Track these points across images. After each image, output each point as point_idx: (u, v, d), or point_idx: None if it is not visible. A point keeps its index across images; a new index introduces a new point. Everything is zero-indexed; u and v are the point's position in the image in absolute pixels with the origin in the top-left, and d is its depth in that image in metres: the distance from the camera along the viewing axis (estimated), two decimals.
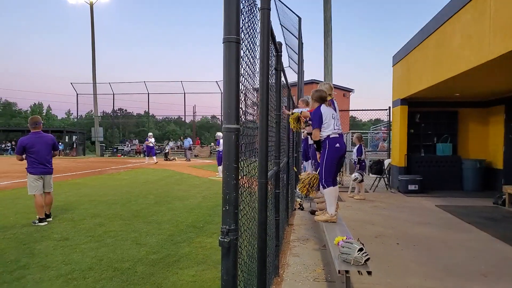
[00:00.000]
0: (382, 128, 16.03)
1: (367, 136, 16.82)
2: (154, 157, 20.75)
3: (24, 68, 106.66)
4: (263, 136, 2.46)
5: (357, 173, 8.64)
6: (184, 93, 32.30)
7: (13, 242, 4.93)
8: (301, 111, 5.09)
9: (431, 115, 10.44)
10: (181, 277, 3.77)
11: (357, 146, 8.89)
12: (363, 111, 12.23)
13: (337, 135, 4.38)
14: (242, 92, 1.91)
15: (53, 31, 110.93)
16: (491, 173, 9.76)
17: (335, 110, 4.55)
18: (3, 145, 33.97)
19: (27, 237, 5.19)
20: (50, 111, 61.84)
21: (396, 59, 10.32)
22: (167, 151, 25.03)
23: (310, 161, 6.31)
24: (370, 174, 10.47)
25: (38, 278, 3.70)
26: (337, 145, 4.35)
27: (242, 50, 1.84)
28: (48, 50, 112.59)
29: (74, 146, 31.11)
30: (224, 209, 1.54)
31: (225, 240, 1.52)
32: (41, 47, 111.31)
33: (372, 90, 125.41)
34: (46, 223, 5.96)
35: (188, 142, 25.87)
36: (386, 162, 10.60)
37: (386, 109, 11.21)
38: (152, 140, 20.91)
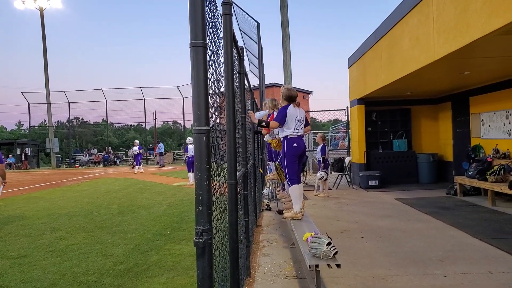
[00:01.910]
0: (341, 128, 16.59)
1: (327, 135, 17.35)
2: (138, 166, 19.55)
3: None
4: (231, 138, 2.51)
5: (322, 172, 8.88)
6: (144, 99, 31.54)
7: None
8: (264, 115, 5.22)
9: (387, 113, 10.97)
10: (151, 286, 3.71)
11: (321, 145, 9.14)
12: (323, 112, 12.56)
13: (296, 136, 4.51)
14: (209, 95, 1.94)
15: None
16: (443, 165, 10.42)
17: (302, 113, 4.64)
18: None
19: None
20: None
21: (352, 61, 10.75)
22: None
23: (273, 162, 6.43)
24: (332, 172, 10.80)
25: None
26: (294, 144, 4.49)
27: (208, 55, 1.88)
28: None
29: (24, 158, 29.31)
30: (197, 210, 1.56)
31: (200, 240, 1.55)
32: None
33: (331, 91, 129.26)
34: None
35: (161, 147, 25.20)
36: (347, 159, 10.99)
37: (344, 109, 11.63)
38: (136, 148, 19.70)
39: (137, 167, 19.59)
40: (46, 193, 11.79)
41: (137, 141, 20.62)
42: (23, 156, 29.32)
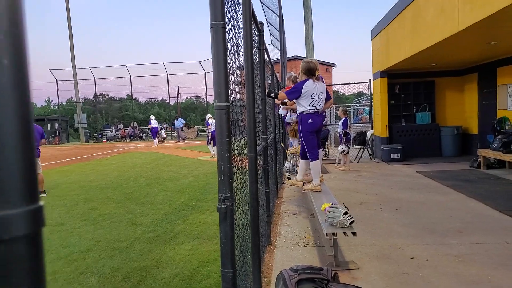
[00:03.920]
0: (364, 101, 16.34)
1: (350, 109, 17.14)
2: (155, 141, 20.84)
3: None
4: (251, 112, 2.63)
5: (343, 145, 8.93)
6: (167, 74, 31.85)
7: None
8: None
9: (410, 85, 10.73)
10: (178, 252, 3.98)
11: (342, 119, 9.15)
12: (346, 85, 12.42)
13: (312, 113, 4.50)
14: (229, 72, 2.05)
15: (30, 14, 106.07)
16: (467, 138, 10.21)
17: (322, 88, 4.58)
18: None
19: None
20: None
21: (375, 32, 10.48)
22: (165, 136, 25.33)
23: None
24: (354, 146, 10.80)
25: None
26: (310, 121, 4.50)
27: (227, 33, 1.98)
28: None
29: (57, 134, 30.60)
30: (219, 179, 1.72)
31: (222, 206, 1.71)
32: None
33: (354, 63, 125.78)
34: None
35: (180, 122, 25.69)
36: (369, 133, 10.93)
37: (367, 82, 11.44)
38: (153, 122, 21.03)
39: (154, 141, 20.79)
40: (77, 166, 12.41)
41: (152, 116, 21.83)
42: (57, 132, 30.60)
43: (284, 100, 4.97)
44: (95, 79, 32.30)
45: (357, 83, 11.68)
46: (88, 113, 34.76)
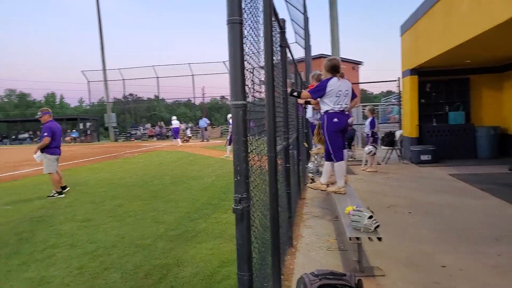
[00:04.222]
0: (393, 100, 15.86)
1: (378, 108, 16.70)
2: (178, 140, 21.74)
3: (35, 59, 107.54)
4: (270, 111, 2.55)
5: (371, 146, 8.68)
6: (193, 75, 32.27)
7: (41, 224, 5.21)
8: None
9: (442, 83, 10.29)
10: (199, 251, 3.97)
11: (370, 118, 8.89)
12: (374, 84, 12.12)
13: (337, 112, 4.39)
14: (248, 70, 1.99)
15: (60, 21, 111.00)
16: (506, 139, 9.65)
17: (347, 86, 4.46)
18: (21, 135, 34.73)
19: (52, 219, 5.47)
20: (63, 99, 62.63)
21: (404, 29, 10.12)
22: (190, 135, 26.11)
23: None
24: (382, 146, 10.49)
25: (67, 255, 3.95)
26: (335, 119, 4.38)
27: (246, 30, 1.91)
28: (56, 39, 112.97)
29: (88, 133, 31.69)
30: (236, 179, 1.66)
31: (238, 207, 1.66)
32: (49, 37, 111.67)
33: (383, 61, 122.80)
34: (63, 195, 7.13)
35: (204, 122, 26.03)
36: (398, 133, 10.58)
37: (396, 80, 11.08)
38: (174, 123, 22.23)
39: (175, 140, 21.71)
40: (105, 164, 12.76)
41: (174, 117, 23.01)
42: (88, 131, 31.75)
43: (308, 99, 4.85)
44: (124, 79, 33.19)
45: (385, 81, 11.48)
46: (118, 113, 35.77)
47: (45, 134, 7.05)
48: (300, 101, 5.55)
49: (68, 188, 7.51)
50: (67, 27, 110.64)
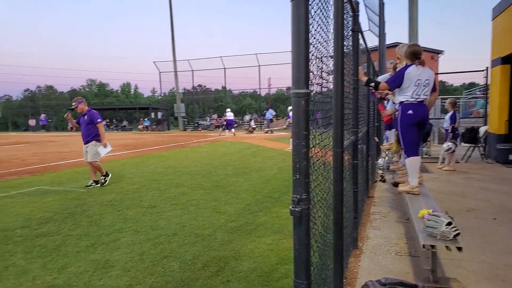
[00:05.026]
0: (478, 92, 14.29)
1: (459, 102, 15.23)
2: (230, 131, 22.61)
3: (113, 51, 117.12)
4: (338, 102, 2.31)
5: (450, 143, 7.91)
6: (259, 65, 32.37)
7: (109, 208, 5.52)
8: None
9: None
10: (258, 245, 3.87)
11: (450, 113, 8.12)
12: (454, 75, 10.99)
13: (415, 102, 4.00)
14: (313, 55, 1.78)
15: (136, 12, 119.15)
16: None
17: (428, 74, 4.04)
18: None
19: (121, 204, 5.77)
20: (137, 89, 67.26)
21: (497, 11, 8.94)
22: (254, 126, 26.54)
23: (393, 130, 5.91)
24: (462, 143, 9.50)
25: (130, 241, 4.10)
26: (410, 111, 4.00)
27: (313, 9, 1.71)
28: (133, 31, 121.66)
29: (161, 122, 33.61)
30: (294, 178, 1.48)
31: (296, 209, 1.48)
32: (126, 29, 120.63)
33: (466, 50, 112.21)
34: (99, 184, 7.12)
35: (270, 114, 26.10)
36: (482, 129, 9.48)
37: (483, 70, 9.91)
38: (228, 115, 23.11)
39: (227, 131, 22.68)
40: (173, 152, 13.32)
41: (228, 109, 23.98)
42: (160, 120, 33.71)
43: (386, 90, 4.44)
44: (192, 70, 34.43)
45: (470, 71, 10.22)
46: (187, 103, 37.33)
47: (99, 120, 7.11)
48: (377, 93, 5.20)
49: (98, 184, 7.17)
50: (141, 19, 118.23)
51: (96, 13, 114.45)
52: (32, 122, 38.20)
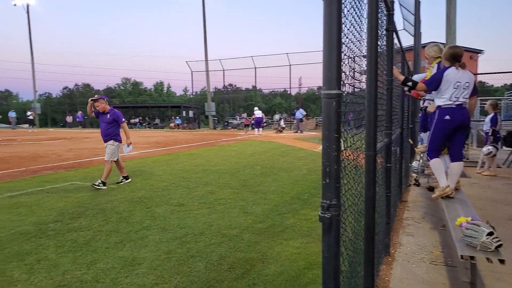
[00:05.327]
0: None
1: (501, 103, 14.43)
2: (259, 130, 22.90)
3: (147, 50, 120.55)
4: (371, 103, 2.22)
5: (490, 146, 7.51)
6: (290, 65, 32.17)
7: (139, 205, 5.61)
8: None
9: None
10: (285, 248, 3.80)
11: (491, 115, 7.73)
12: (495, 76, 10.41)
13: (453, 106, 3.83)
14: (346, 54, 1.71)
15: (169, 13, 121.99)
16: None
17: (468, 77, 3.87)
18: (132, 120, 39.00)
19: (150, 201, 5.85)
20: (170, 88, 68.69)
21: None
22: (284, 126, 26.61)
23: (428, 132, 5.67)
24: (503, 147, 8.98)
25: (158, 239, 4.14)
26: (447, 117, 3.85)
27: (346, 8, 1.65)
28: (167, 31, 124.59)
29: (192, 120, 34.17)
30: (324, 182, 1.42)
31: (326, 215, 1.42)
32: (161, 29, 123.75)
33: (507, 50, 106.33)
34: (106, 187, 6.76)
35: (300, 113, 25.88)
36: None
37: None
38: (257, 113, 23.48)
39: (256, 130, 23.01)
40: (203, 151, 13.47)
41: (256, 108, 24.37)
42: (193, 118, 34.30)
43: (423, 91, 4.29)
44: (223, 70, 34.72)
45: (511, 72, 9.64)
46: (217, 102, 37.72)
47: (123, 120, 7.15)
48: (414, 93, 5.04)
49: (129, 180, 7.31)
50: (175, 18, 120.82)
51: (131, 14, 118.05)
52: (69, 118, 39.87)
